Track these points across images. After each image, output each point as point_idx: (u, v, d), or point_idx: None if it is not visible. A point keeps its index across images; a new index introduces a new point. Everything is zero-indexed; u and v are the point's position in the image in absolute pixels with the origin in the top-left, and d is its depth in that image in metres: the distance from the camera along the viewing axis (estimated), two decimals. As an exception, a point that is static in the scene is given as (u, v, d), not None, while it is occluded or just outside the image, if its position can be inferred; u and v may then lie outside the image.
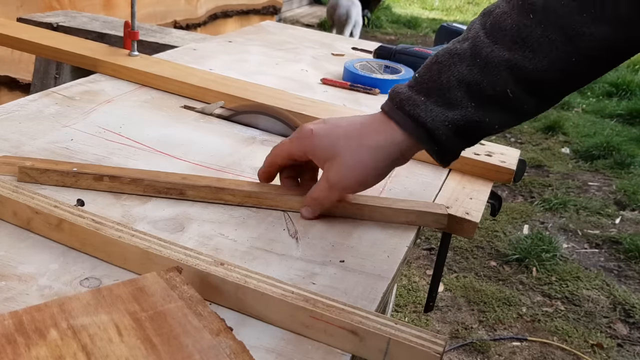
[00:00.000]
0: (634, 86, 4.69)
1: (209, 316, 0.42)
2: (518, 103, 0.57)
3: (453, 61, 0.58)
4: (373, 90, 1.07)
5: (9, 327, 0.38)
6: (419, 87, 0.60)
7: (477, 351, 1.89)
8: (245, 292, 0.48)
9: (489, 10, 0.59)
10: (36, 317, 0.40)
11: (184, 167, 0.73)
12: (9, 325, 0.39)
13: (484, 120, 0.58)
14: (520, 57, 0.55)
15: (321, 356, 0.46)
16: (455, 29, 1.28)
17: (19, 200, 0.56)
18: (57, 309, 0.40)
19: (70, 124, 0.81)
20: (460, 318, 2.02)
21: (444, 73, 0.58)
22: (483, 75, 0.57)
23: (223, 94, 0.93)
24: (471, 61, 0.57)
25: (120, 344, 0.38)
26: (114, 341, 0.38)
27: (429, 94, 0.59)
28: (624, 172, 3.25)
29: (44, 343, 0.38)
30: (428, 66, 0.60)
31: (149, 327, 0.40)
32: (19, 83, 1.92)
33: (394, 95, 0.62)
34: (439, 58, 0.59)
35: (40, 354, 0.37)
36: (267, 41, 1.36)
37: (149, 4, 2.52)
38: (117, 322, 0.40)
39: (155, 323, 0.40)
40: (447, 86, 0.58)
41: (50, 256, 0.53)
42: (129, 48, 1.05)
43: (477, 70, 0.57)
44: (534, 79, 0.56)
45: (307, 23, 6.02)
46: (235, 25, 3.27)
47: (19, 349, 0.37)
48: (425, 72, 0.60)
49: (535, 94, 0.57)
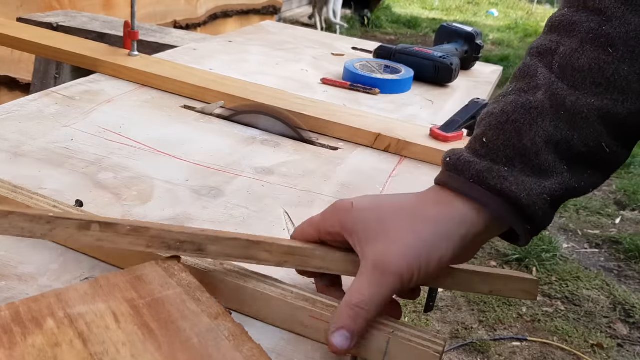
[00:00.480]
0: (634, 86, 4.69)
1: (207, 301, 0.42)
2: (613, 157, 0.48)
3: (532, 117, 0.47)
4: (373, 90, 1.08)
5: (5, 318, 0.39)
6: (494, 155, 0.48)
7: (477, 351, 1.89)
8: (245, 291, 0.48)
9: (548, 48, 0.49)
10: (33, 307, 0.40)
11: (184, 167, 0.73)
12: (5, 316, 0.39)
13: (580, 184, 0.48)
14: (610, 101, 0.46)
15: (321, 356, 0.46)
16: (455, 29, 1.28)
17: (17, 199, 0.56)
18: (54, 299, 0.41)
19: (70, 124, 0.81)
20: (460, 318, 2.02)
21: (526, 134, 0.47)
22: (573, 131, 0.47)
23: (223, 94, 0.93)
24: (554, 115, 0.47)
25: (117, 330, 0.39)
26: (111, 328, 0.39)
27: (512, 162, 0.47)
28: (624, 172, 3.25)
29: (40, 332, 0.38)
30: (497, 127, 0.48)
31: (146, 314, 0.40)
32: (19, 83, 1.92)
33: (461, 165, 0.48)
34: (511, 116, 0.48)
35: (36, 342, 0.37)
36: (267, 41, 1.36)
37: (149, 4, 2.52)
38: (114, 310, 0.40)
39: (153, 309, 0.41)
40: (534, 150, 0.47)
41: (50, 256, 0.53)
42: (129, 48, 1.05)
43: (564, 125, 0.47)
44: (630, 124, 0.46)
45: (307, 23, 6.02)
46: (235, 25, 3.27)
47: (15, 338, 0.37)
48: (497, 135, 0.48)
49: (630, 142, 0.48)
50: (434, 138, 0.85)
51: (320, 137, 0.87)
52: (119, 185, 0.67)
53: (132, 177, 0.69)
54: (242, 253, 0.48)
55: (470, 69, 1.30)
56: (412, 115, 0.99)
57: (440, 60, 1.15)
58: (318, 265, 0.50)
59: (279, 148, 0.82)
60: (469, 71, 1.30)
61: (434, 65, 1.15)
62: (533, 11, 9.05)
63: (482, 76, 1.28)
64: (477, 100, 0.92)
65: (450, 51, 1.21)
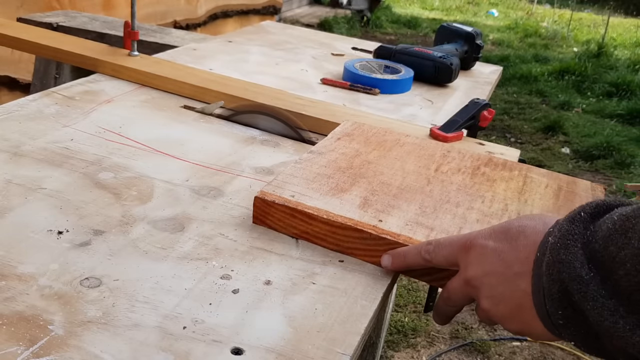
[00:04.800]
0: (634, 86, 4.70)
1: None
2: None
3: None
4: (373, 90, 1.08)
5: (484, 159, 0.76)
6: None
7: (477, 351, 1.89)
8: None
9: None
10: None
11: (184, 167, 0.73)
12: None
13: None
14: None
15: (321, 356, 0.46)
16: (455, 29, 1.28)
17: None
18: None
19: (70, 123, 0.81)
20: (460, 318, 2.02)
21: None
22: None
23: (223, 94, 0.93)
24: None
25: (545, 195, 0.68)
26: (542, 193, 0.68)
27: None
28: (624, 172, 3.25)
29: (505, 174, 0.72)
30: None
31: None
32: (19, 83, 1.92)
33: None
34: None
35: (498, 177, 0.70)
36: (267, 41, 1.36)
37: (149, 4, 2.52)
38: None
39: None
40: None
41: (50, 256, 0.54)
42: (129, 48, 1.05)
43: None
44: None
45: (307, 23, 6.02)
46: (235, 25, 3.26)
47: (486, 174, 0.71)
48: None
49: None
50: (433, 138, 0.85)
51: (320, 137, 0.87)
52: (118, 185, 0.67)
53: (131, 177, 0.69)
54: None
55: (470, 69, 1.30)
56: (412, 115, 0.99)
57: (440, 60, 1.15)
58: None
59: (278, 148, 0.82)
60: (469, 71, 1.30)
61: (433, 65, 1.15)
62: (533, 11, 9.05)
63: (482, 76, 1.28)
64: (477, 100, 0.92)
65: (450, 51, 1.21)
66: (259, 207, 0.62)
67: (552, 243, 0.42)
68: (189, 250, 0.57)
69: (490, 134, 3.68)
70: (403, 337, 1.91)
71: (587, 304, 0.39)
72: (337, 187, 0.64)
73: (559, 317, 0.41)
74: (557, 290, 0.41)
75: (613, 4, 9.05)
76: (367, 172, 0.68)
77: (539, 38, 7.03)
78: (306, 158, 0.70)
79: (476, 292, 0.50)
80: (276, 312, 0.50)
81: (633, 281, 0.37)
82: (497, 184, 0.69)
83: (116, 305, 0.48)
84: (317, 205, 0.60)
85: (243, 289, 0.52)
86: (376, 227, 0.58)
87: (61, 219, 0.59)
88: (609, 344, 0.39)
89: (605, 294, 0.38)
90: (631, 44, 6.99)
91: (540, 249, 0.44)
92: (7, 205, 0.61)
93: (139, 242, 0.57)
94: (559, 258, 0.41)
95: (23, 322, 0.45)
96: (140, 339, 0.45)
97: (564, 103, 4.42)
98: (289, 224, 0.60)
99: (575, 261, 0.40)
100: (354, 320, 0.50)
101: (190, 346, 0.45)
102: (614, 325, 0.37)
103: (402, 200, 0.63)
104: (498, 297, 0.48)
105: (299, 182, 0.64)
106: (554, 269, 0.41)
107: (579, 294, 0.39)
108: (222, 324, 0.48)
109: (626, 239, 0.38)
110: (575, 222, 0.42)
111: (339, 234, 0.58)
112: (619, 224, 0.39)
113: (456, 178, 0.69)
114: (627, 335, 0.37)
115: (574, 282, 0.39)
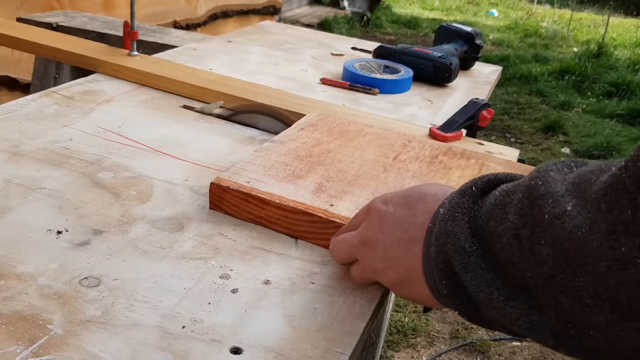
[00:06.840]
0: (634, 86, 4.70)
1: None
2: None
3: None
4: (372, 90, 1.08)
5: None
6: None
7: (477, 351, 1.89)
8: None
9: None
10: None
11: (184, 166, 0.73)
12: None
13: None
14: None
15: (320, 355, 0.46)
16: (454, 28, 1.28)
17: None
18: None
19: (69, 123, 0.81)
20: (460, 318, 2.02)
21: None
22: None
23: (223, 94, 0.93)
24: None
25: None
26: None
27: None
28: (623, 172, 3.25)
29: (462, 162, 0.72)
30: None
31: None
32: (19, 83, 1.92)
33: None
34: None
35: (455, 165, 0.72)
36: (267, 41, 1.36)
37: (149, 4, 2.52)
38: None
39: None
40: None
41: (49, 256, 0.54)
42: (128, 48, 1.05)
43: None
44: None
45: (307, 23, 6.02)
46: (235, 25, 3.26)
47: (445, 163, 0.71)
48: None
49: None
50: (433, 138, 0.85)
51: (320, 137, 0.87)
52: (118, 185, 0.67)
53: (131, 176, 0.69)
54: None
55: (469, 69, 1.30)
56: (412, 115, 0.99)
57: (440, 60, 1.15)
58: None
59: (278, 148, 0.82)
60: (469, 71, 1.30)
61: (433, 65, 1.15)
62: (533, 11, 9.05)
63: (481, 76, 1.28)
64: (477, 100, 0.92)
65: (449, 51, 1.21)
66: (214, 192, 0.63)
67: (442, 214, 0.44)
68: (188, 250, 0.57)
69: (490, 134, 3.68)
70: (403, 337, 1.91)
71: (466, 275, 0.40)
72: (294, 174, 0.65)
73: (443, 287, 0.43)
74: (442, 261, 0.43)
75: (613, 4, 9.05)
76: (325, 160, 0.69)
77: (539, 38, 7.03)
78: (266, 147, 0.71)
79: (369, 252, 0.50)
80: (275, 312, 0.50)
81: (508, 254, 0.38)
82: (452, 172, 0.70)
83: (115, 305, 0.48)
84: (271, 191, 0.61)
85: (242, 289, 0.52)
86: (326, 211, 0.59)
87: (60, 218, 0.59)
88: (488, 315, 0.40)
89: (484, 267, 0.40)
90: (631, 44, 6.99)
91: (432, 220, 0.45)
92: (6, 205, 0.61)
93: (138, 241, 0.57)
94: (445, 229, 0.42)
95: (22, 321, 0.45)
96: (139, 338, 0.45)
97: (564, 103, 4.42)
98: (243, 209, 0.62)
99: (460, 233, 0.41)
100: (353, 319, 0.50)
101: (189, 345, 0.45)
102: (489, 297, 0.39)
103: (356, 187, 0.64)
104: (391, 260, 0.48)
105: (256, 169, 0.65)
106: (440, 239, 0.43)
107: (460, 264, 0.41)
108: (221, 323, 0.48)
109: (504, 213, 0.39)
110: (465, 195, 0.44)
111: (291, 217, 0.60)
112: (499, 199, 0.40)
113: (413, 166, 0.70)
114: (500, 306, 0.38)
115: (456, 254, 0.41)
